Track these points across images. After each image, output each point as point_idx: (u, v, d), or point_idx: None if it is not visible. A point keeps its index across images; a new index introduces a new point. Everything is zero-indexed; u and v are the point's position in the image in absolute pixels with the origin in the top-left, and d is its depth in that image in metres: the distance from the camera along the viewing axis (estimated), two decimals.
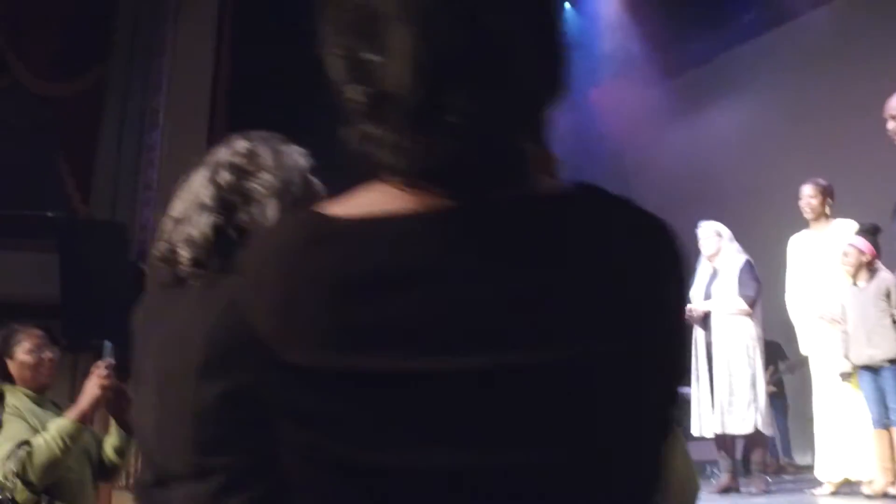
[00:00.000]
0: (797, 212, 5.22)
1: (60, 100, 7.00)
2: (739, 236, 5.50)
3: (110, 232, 6.34)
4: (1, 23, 7.02)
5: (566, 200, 0.68)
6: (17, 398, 2.83)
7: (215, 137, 6.52)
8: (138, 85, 6.97)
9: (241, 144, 1.43)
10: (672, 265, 0.69)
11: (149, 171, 6.59)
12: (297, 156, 1.46)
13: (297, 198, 1.40)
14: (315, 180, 1.47)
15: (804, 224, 5.25)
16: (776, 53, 7.64)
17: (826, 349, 4.99)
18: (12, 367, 2.88)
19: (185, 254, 1.33)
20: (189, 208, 1.37)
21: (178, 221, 1.37)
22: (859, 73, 6.71)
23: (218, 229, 1.34)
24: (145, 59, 6.98)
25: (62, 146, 6.92)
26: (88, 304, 5.98)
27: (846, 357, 4.80)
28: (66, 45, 6.94)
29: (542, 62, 0.67)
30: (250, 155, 1.40)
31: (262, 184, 1.38)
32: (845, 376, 4.85)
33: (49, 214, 6.65)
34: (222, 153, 1.42)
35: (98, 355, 5.70)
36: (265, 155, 1.41)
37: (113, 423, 2.91)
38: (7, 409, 2.76)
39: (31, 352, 2.89)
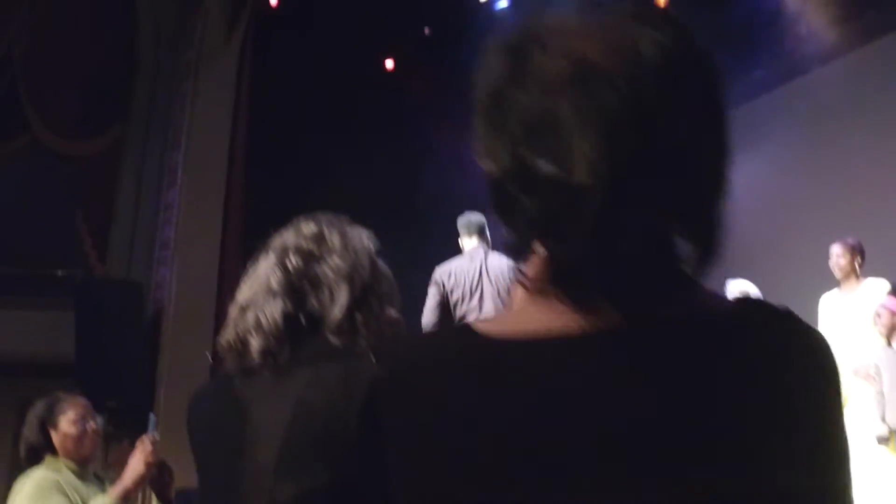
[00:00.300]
0: (825, 268, 5.16)
1: (79, 158, 7.04)
2: (766, 294, 5.44)
3: (126, 291, 6.32)
4: (22, 82, 7.10)
5: (732, 318, 0.65)
6: (58, 471, 2.74)
7: (233, 197, 6.54)
8: (157, 144, 7.02)
9: (309, 228, 1.40)
10: (836, 391, 0.66)
11: (166, 230, 6.59)
12: (363, 238, 1.43)
13: (365, 282, 1.36)
14: (382, 263, 1.44)
15: (833, 281, 5.19)
16: (790, 108, 7.67)
17: (861, 411, 4.89)
18: (55, 437, 2.78)
19: (254, 343, 1.29)
20: (257, 294, 1.33)
21: (244, 308, 1.34)
22: (877, 127, 6.72)
23: (288, 316, 1.30)
24: (164, 119, 7.04)
25: (80, 204, 6.94)
26: (103, 364, 5.93)
27: (882, 420, 4.70)
28: (85, 104, 7.01)
29: (712, 164, 0.64)
30: (318, 238, 1.37)
31: (331, 268, 1.34)
32: (882, 440, 4.74)
33: (63, 273, 6.65)
34: (289, 237, 1.39)
35: (112, 417, 5.63)
36: (333, 238, 1.38)
37: (154, 499, 2.83)
38: (47, 483, 2.67)
39: (75, 422, 2.79)
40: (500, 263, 4.71)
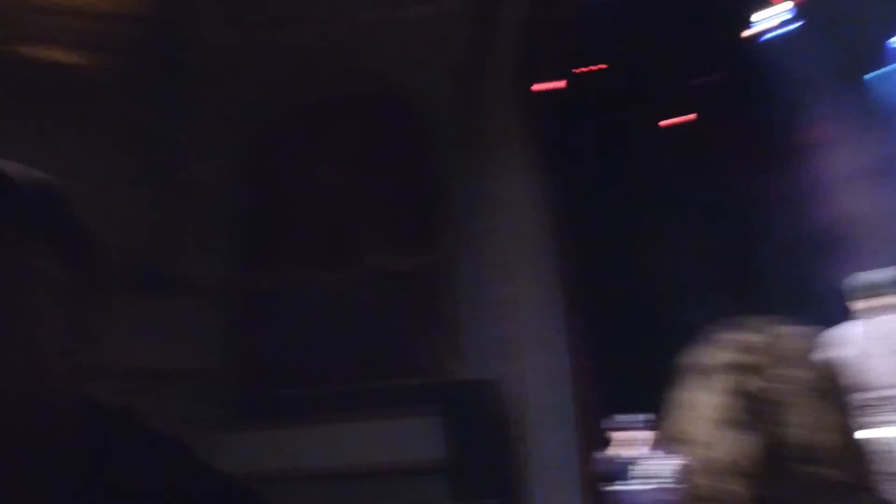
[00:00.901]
0: None
1: (410, 273, 7.62)
2: None
3: (483, 389, 6.65)
4: (349, 216, 7.89)
5: None
6: None
7: (559, 281, 6.68)
8: (476, 245, 7.38)
9: (752, 340, 1.22)
10: None
11: (504, 326, 6.88)
12: (813, 339, 1.23)
13: (838, 394, 1.18)
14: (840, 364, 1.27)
15: None
16: None
17: None
18: None
19: (736, 489, 1.12)
20: (714, 429, 1.17)
21: (705, 447, 1.17)
22: None
23: (761, 451, 1.12)
24: (478, 222, 7.41)
25: (422, 314, 7.47)
26: (473, 464, 6.26)
27: None
28: (409, 223, 7.63)
29: None
30: (767, 350, 1.19)
31: (792, 382, 1.15)
32: None
33: (418, 381, 7.15)
34: (732, 355, 1.21)
35: None
36: (783, 347, 1.19)
37: None
38: None
39: None
40: None
